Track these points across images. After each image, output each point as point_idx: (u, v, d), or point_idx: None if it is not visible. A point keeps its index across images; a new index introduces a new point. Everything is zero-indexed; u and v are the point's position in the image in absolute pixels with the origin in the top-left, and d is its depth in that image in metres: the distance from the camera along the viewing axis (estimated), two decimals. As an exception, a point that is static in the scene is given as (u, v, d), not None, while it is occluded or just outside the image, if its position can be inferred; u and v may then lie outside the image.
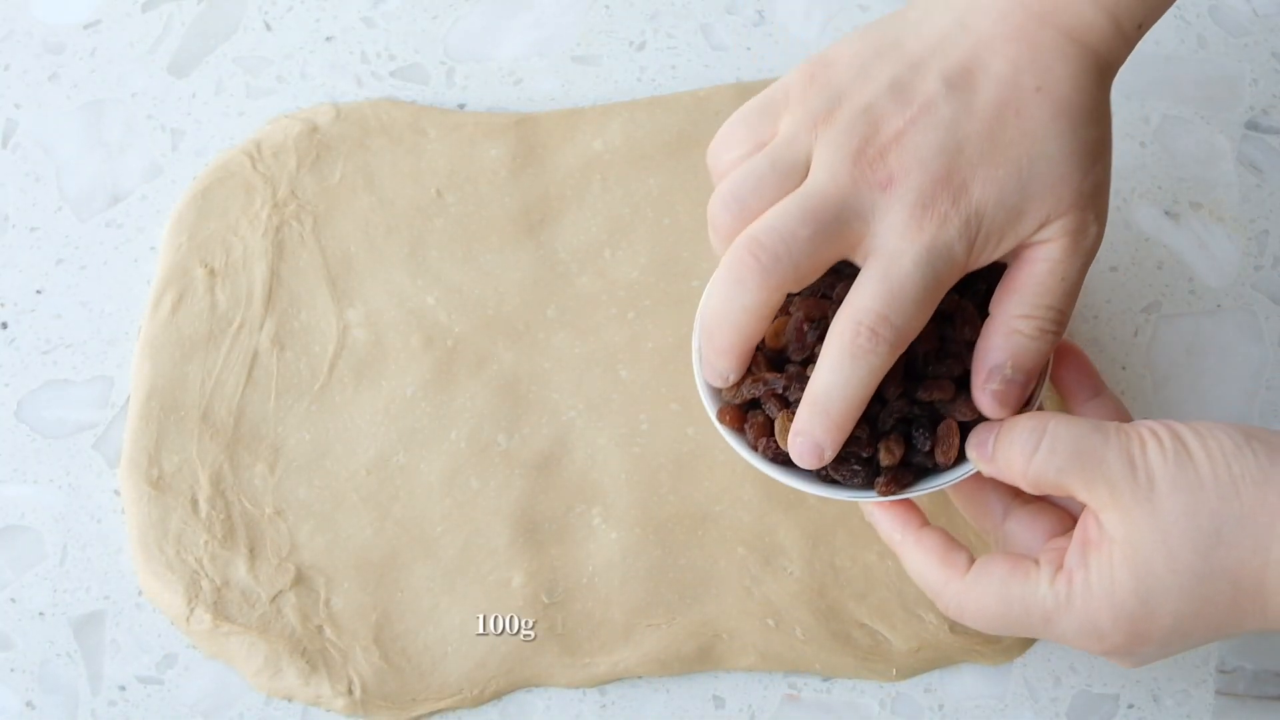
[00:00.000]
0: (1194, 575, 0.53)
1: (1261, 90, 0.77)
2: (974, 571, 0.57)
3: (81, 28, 0.80)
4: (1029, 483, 0.56)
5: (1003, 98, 0.58)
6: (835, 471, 0.58)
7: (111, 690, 0.66)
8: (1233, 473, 0.53)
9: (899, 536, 0.59)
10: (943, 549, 0.58)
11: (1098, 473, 0.54)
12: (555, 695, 0.66)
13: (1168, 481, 0.53)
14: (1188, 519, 0.53)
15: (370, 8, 0.80)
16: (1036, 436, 0.56)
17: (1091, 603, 0.54)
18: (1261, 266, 0.74)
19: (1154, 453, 0.54)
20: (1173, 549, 0.53)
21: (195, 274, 0.72)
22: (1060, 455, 0.55)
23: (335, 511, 0.68)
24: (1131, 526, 0.54)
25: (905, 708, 0.66)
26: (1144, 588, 0.54)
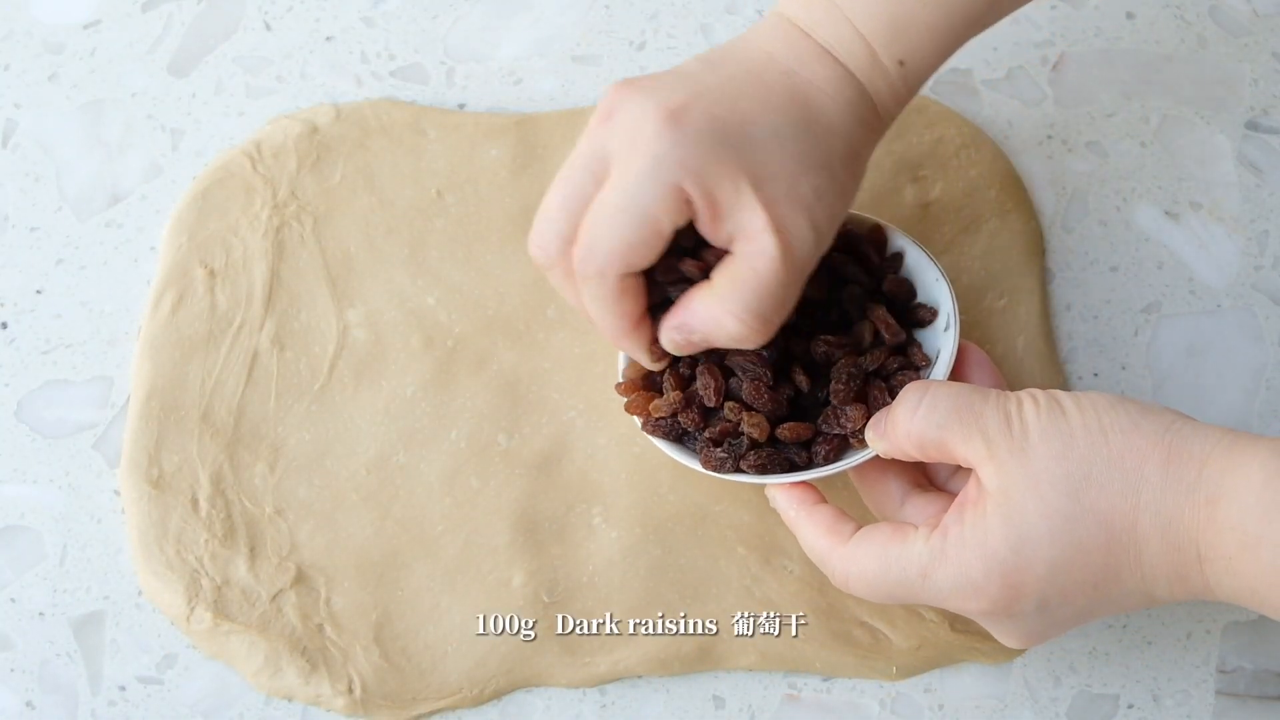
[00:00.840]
0: (1064, 517, 0.54)
1: (1261, 90, 0.77)
2: (857, 537, 0.58)
3: (81, 28, 0.80)
4: (913, 442, 0.57)
5: (749, 66, 0.60)
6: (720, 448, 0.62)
7: (111, 690, 0.66)
8: (1103, 422, 0.55)
9: (794, 513, 0.61)
10: (831, 519, 0.60)
11: (974, 427, 0.56)
12: (555, 695, 0.66)
13: (1040, 432, 0.55)
14: (1057, 463, 0.54)
15: (370, 8, 0.80)
16: (918, 395, 0.58)
17: (965, 553, 0.55)
18: (1261, 266, 0.74)
19: (1029, 408, 0.56)
20: (1043, 493, 0.54)
21: (195, 274, 0.72)
22: (940, 411, 0.57)
23: (335, 511, 0.68)
24: (1005, 476, 0.55)
25: (905, 708, 0.66)
26: (1015, 534, 0.54)
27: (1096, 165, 0.76)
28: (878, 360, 0.63)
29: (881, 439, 0.59)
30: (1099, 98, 0.77)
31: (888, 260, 0.67)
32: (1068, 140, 0.76)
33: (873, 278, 0.66)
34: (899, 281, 0.66)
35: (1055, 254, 0.74)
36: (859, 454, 0.61)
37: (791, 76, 0.60)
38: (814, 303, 0.64)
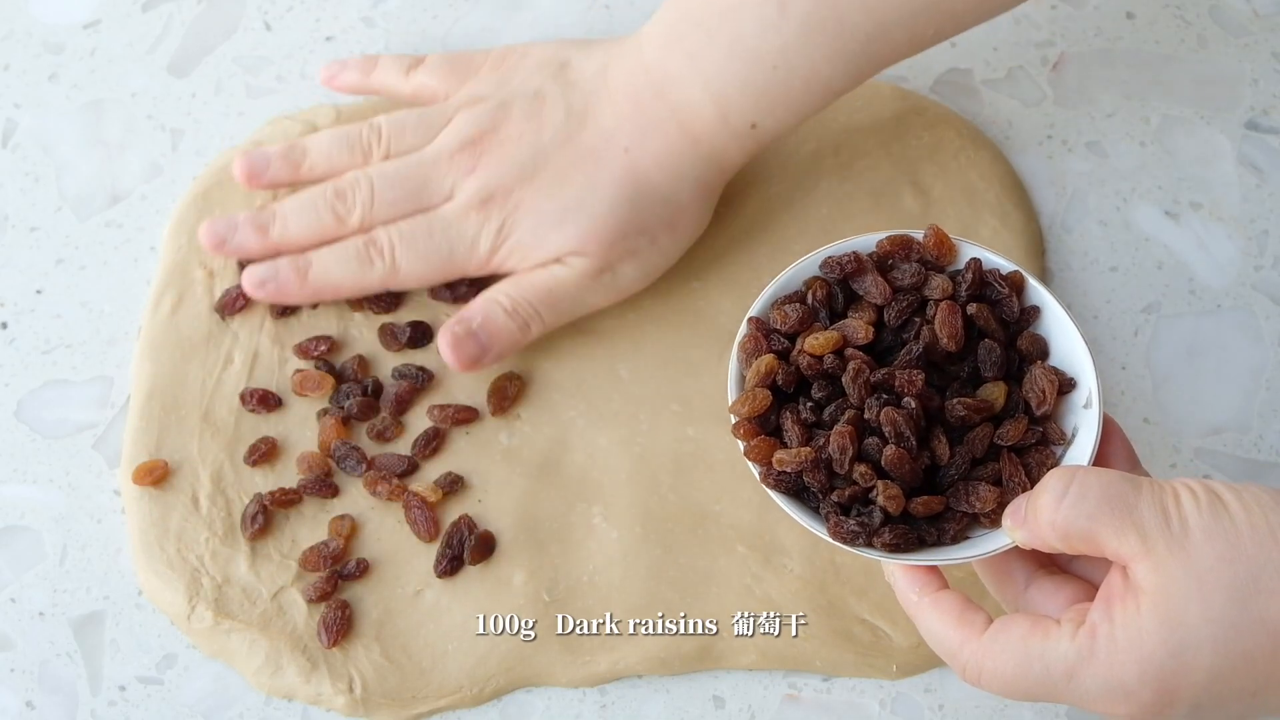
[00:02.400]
0: (1230, 625, 0.50)
1: (1261, 90, 0.77)
2: (992, 630, 0.54)
3: (81, 28, 0.80)
4: (1058, 534, 0.53)
5: (595, 145, 0.68)
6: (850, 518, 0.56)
7: (111, 690, 0.66)
8: (1270, 522, 0.51)
9: (915, 598, 0.56)
10: (960, 609, 0.55)
11: (1128, 520, 0.51)
12: (555, 695, 0.66)
13: (1202, 530, 0.51)
14: (1224, 566, 0.50)
15: (370, 8, 0.80)
16: (1065, 483, 0.53)
17: (1117, 655, 0.51)
18: (1261, 266, 0.74)
19: (1188, 502, 0.52)
20: (1208, 598, 0.50)
21: (195, 275, 0.72)
22: (1090, 501, 0.52)
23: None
24: (1163, 575, 0.51)
25: (905, 708, 0.66)
26: (1175, 638, 0.50)
27: (1096, 165, 0.76)
28: (1017, 434, 0.57)
29: (1020, 527, 0.54)
30: (1099, 98, 0.77)
31: (1023, 313, 0.60)
32: (1068, 140, 0.76)
33: (1006, 332, 0.59)
34: (1034, 339, 0.59)
35: (1055, 254, 0.74)
36: (995, 541, 0.56)
37: (630, 154, 0.68)
38: (951, 355, 0.58)
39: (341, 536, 0.67)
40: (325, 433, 0.68)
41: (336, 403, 0.69)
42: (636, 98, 0.68)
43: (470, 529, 0.67)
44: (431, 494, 0.67)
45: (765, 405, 0.57)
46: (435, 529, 0.67)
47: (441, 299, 0.71)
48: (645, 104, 0.68)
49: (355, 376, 0.70)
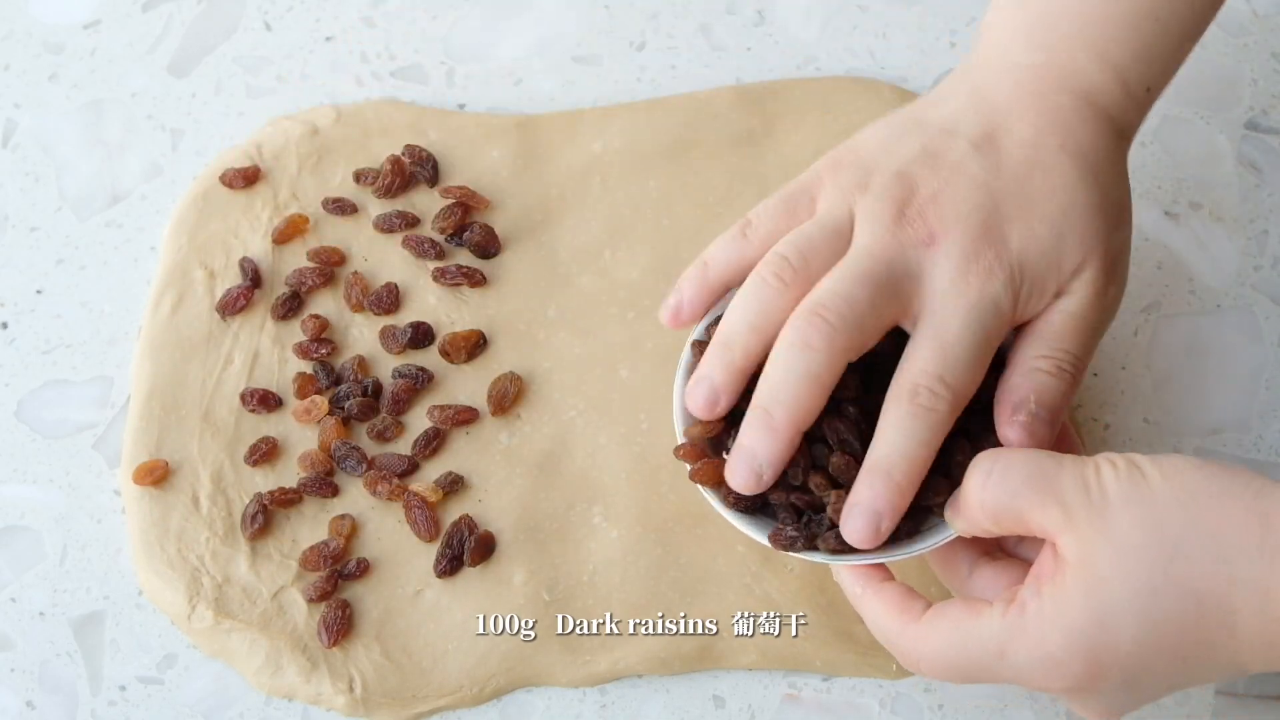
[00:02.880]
0: (1152, 591, 0.51)
1: (1261, 90, 0.77)
2: (928, 616, 0.55)
3: (81, 28, 0.80)
4: (987, 514, 0.54)
5: (1029, 156, 0.60)
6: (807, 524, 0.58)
7: (111, 690, 0.66)
8: (1189, 487, 0.52)
9: (860, 590, 0.58)
10: (901, 598, 0.57)
11: (1050, 494, 0.52)
12: (555, 695, 0.66)
13: (1121, 498, 0.52)
14: (1143, 533, 0.51)
15: (370, 8, 0.80)
16: (990, 463, 0.54)
17: (1044, 627, 0.52)
18: (1261, 266, 0.74)
19: (1108, 473, 0.53)
20: (1127, 565, 0.51)
21: (195, 275, 0.72)
22: (1013, 478, 0.53)
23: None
24: (1085, 546, 0.52)
25: (905, 707, 0.66)
26: (1100, 607, 0.51)
27: (1096, 165, 0.76)
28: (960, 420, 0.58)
29: (957, 516, 0.56)
30: (1099, 98, 0.77)
31: None
32: (1068, 140, 0.76)
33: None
34: None
35: (1055, 254, 0.74)
36: (936, 536, 0.57)
37: (1067, 151, 0.60)
38: (884, 356, 0.59)
39: (342, 536, 0.67)
40: (325, 433, 0.68)
41: (336, 403, 0.69)
42: (1039, 99, 0.61)
43: (470, 529, 0.67)
44: (432, 494, 0.67)
45: (719, 429, 0.58)
46: (435, 529, 0.67)
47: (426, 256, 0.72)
48: (1052, 101, 0.61)
49: (355, 377, 0.70)
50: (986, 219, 0.58)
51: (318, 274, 0.72)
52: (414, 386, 0.70)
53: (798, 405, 0.56)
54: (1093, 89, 0.61)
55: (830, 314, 0.56)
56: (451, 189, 0.74)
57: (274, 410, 0.70)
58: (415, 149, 0.75)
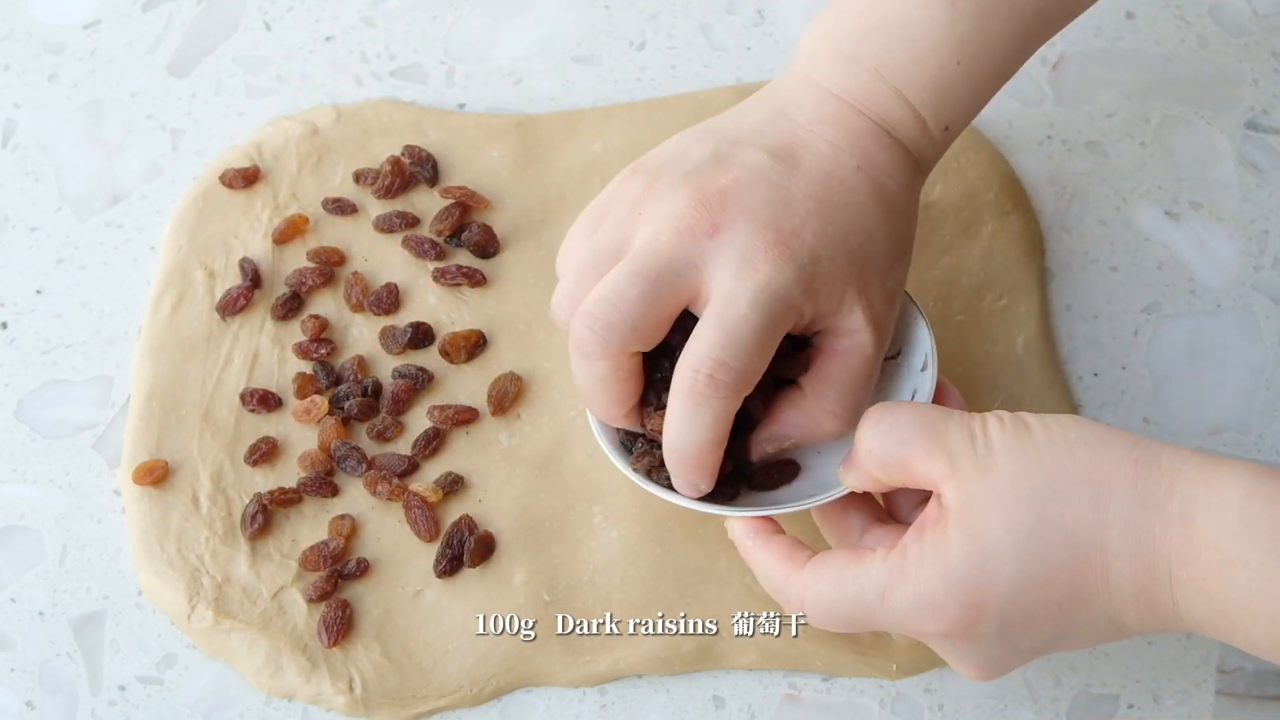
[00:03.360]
0: (1028, 531, 0.52)
1: (1261, 90, 0.77)
2: (813, 562, 0.57)
3: (81, 28, 0.80)
4: (875, 461, 0.56)
5: (826, 169, 0.60)
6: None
7: (111, 690, 0.66)
8: (1069, 438, 0.53)
9: (750, 543, 0.59)
10: (788, 547, 0.58)
11: (937, 443, 0.54)
12: (555, 695, 0.66)
13: (1004, 448, 0.54)
14: (1021, 479, 0.53)
15: (370, 8, 0.80)
16: (880, 413, 0.56)
17: (925, 570, 0.54)
18: (1261, 266, 0.74)
19: (994, 426, 0.54)
20: (1007, 508, 0.53)
21: (195, 275, 0.72)
22: (902, 428, 0.55)
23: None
24: (967, 492, 0.53)
25: (905, 707, 0.66)
26: (977, 549, 0.53)
27: (1096, 165, 0.76)
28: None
29: (849, 470, 0.58)
30: (1099, 98, 0.77)
31: None
32: (1068, 140, 0.76)
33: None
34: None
35: (1055, 254, 0.74)
36: (827, 492, 0.60)
37: (864, 172, 0.60)
38: None
39: (342, 536, 0.67)
40: (325, 433, 0.68)
41: (336, 403, 0.69)
42: (839, 120, 0.61)
43: (470, 529, 0.67)
44: (432, 494, 0.67)
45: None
46: (435, 529, 0.67)
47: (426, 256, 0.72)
48: (852, 123, 0.61)
49: (355, 377, 0.70)
50: (777, 213, 0.58)
51: (318, 274, 0.72)
52: (414, 386, 0.70)
53: (603, 404, 0.60)
54: (891, 120, 0.62)
55: (597, 322, 0.57)
56: (451, 189, 0.74)
57: (274, 410, 0.70)
58: (415, 149, 0.75)
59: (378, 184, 0.74)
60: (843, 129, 0.61)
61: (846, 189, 0.60)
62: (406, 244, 0.73)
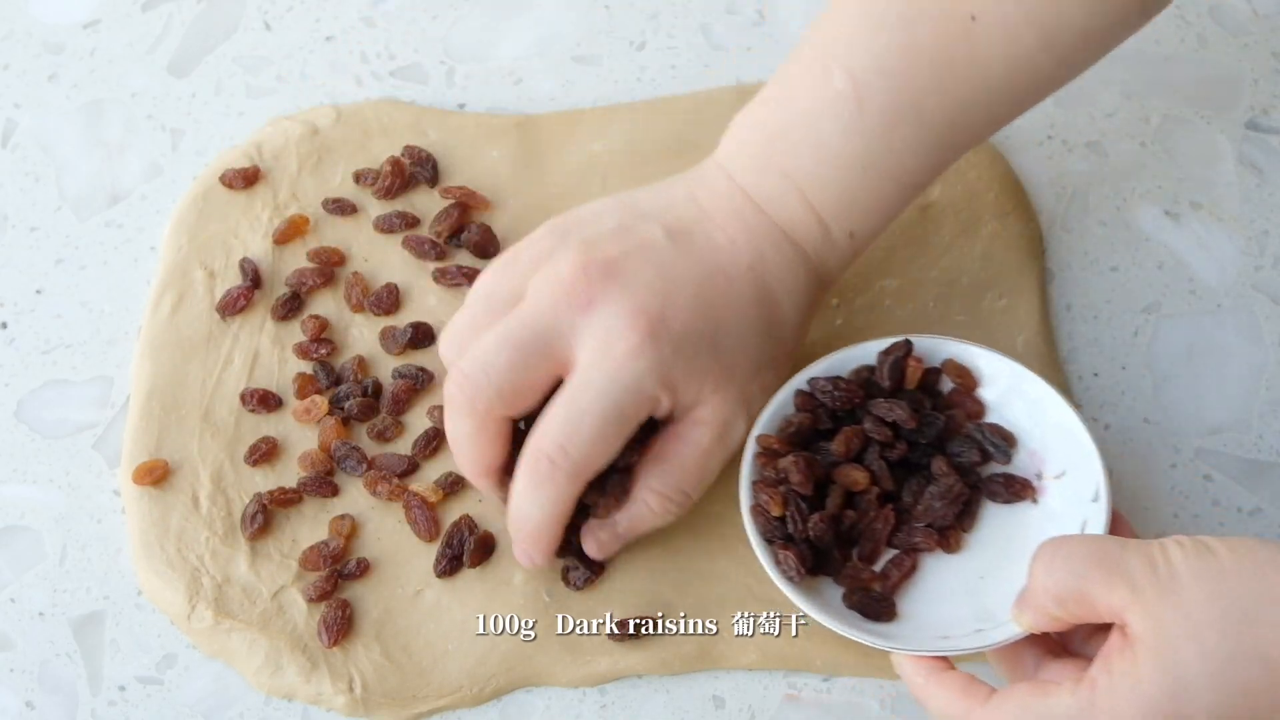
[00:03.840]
0: (1226, 659, 0.50)
1: (1261, 90, 0.77)
2: (995, 698, 0.55)
3: (81, 28, 0.80)
4: (1052, 599, 0.54)
5: (717, 261, 0.62)
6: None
7: (111, 690, 0.66)
8: (1257, 558, 0.52)
9: (921, 680, 0.58)
10: (964, 684, 0.56)
11: (1117, 572, 0.52)
12: (555, 695, 0.66)
13: (1190, 572, 0.51)
14: (1213, 604, 0.51)
15: (370, 8, 0.80)
16: (1053, 549, 0.55)
17: (1117, 702, 0.51)
18: (1261, 266, 0.74)
19: (1174, 550, 0.52)
20: (1200, 636, 0.50)
21: (195, 275, 0.72)
22: (1077, 560, 0.53)
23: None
24: (1155, 620, 0.51)
25: (905, 707, 0.66)
26: (1172, 679, 0.51)
27: (1096, 165, 0.76)
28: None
29: (1024, 610, 0.56)
30: (1099, 98, 0.77)
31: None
32: (1068, 140, 0.76)
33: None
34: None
35: (1055, 254, 0.74)
36: (1005, 632, 0.57)
37: (754, 272, 0.62)
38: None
39: (342, 536, 0.67)
40: (325, 433, 0.68)
41: (336, 403, 0.69)
42: (740, 214, 0.63)
43: (470, 529, 0.67)
44: (432, 494, 0.67)
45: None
46: (435, 529, 0.67)
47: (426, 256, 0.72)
48: (752, 222, 0.63)
49: (355, 377, 0.70)
50: (654, 297, 0.59)
51: (318, 274, 0.72)
52: (414, 386, 0.70)
53: (465, 461, 0.62)
54: (794, 225, 0.63)
55: (467, 382, 0.60)
56: (451, 189, 0.74)
57: (274, 410, 0.70)
58: (415, 149, 0.75)
59: (378, 185, 0.74)
60: (742, 226, 0.62)
61: (732, 285, 0.61)
62: (406, 244, 0.73)
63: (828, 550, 0.62)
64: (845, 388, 0.63)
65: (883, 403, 0.62)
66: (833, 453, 0.62)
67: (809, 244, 0.63)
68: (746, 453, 0.62)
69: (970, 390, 0.64)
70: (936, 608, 0.61)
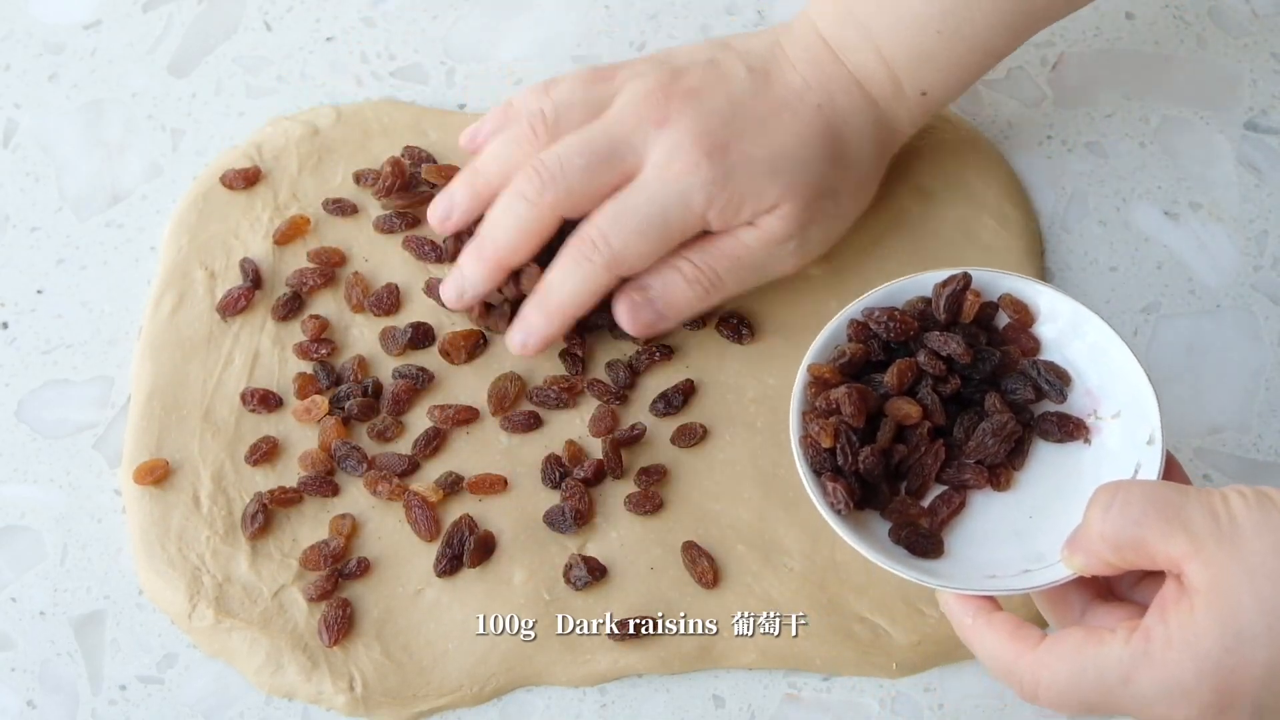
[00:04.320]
0: None
1: (1261, 90, 0.77)
2: (1047, 643, 0.54)
3: (81, 28, 0.80)
4: (1108, 544, 0.53)
5: (786, 97, 0.67)
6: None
7: (112, 690, 0.66)
8: None
9: (969, 621, 0.57)
10: (1014, 626, 0.55)
11: (1176, 521, 0.51)
12: (555, 694, 0.66)
13: (1252, 524, 0.51)
14: (1274, 556, 0.50)
15: (370, 8, 0.80)
16: (1110, 493, 0.53)
17: (1172, 654, 0.51)
18: (1261, 266, 0.74)
19: (1236, 501, 0.51)
20: (1260, 590, 0.50)
21: (196, 276, 0.72)
22: (1135, 507, 0.52)
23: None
24: (1215, 571, 0.50)
25: (905, 707, 0.66)
26: (1230, 632, 0.50)
27: (1096, 165, 0.76)
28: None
29: (1076, 552, 0.54)
30: (1099, 98, 0.77)
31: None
32: (1067, 140, 0.76)
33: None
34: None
35: (1055, 254, 0.74)
36: (1054, 573, 0.56)
37: (822, 111, 0.67)
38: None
39: (342, 535, 0.67)
40: (325, 433, 0.68)
41: (337, 403, 0.69)
42: (817, 62, 0.67)
43: (470, 529, 0.67)
44: (432, 494, 0.67)
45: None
46: (436, 528, 0.67)
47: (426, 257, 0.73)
48: (827, 67, 0.67)
49: (355, 377, 0.70)
50: (719, 124, 0.65)
51: (318, 274, 0.72)
52: (414, 386, 0.70)
53: (506, 243, 0.66)
54: (867, 76, 0.67)
55: (544, 172, 0.65)
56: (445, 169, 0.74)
57: (274, 410, 0.70)
58: (415, 149, 0.75)
59: (378, 185, 0.74)
60: (818, 70, 0.67)
61: (798, 120, 0.66)
62: (407, 244, 0.73)
63: (876, 484, 0.60)
64: (900, 319, 0.61)
65: (937, 335, 0.61)
66: (885, 385, 0.61)
67: (880, 95, 0.67)
68: (797, 381, 0.61)
69: (1026, 326, 0.62)
70: (984, 547, 0.60)
